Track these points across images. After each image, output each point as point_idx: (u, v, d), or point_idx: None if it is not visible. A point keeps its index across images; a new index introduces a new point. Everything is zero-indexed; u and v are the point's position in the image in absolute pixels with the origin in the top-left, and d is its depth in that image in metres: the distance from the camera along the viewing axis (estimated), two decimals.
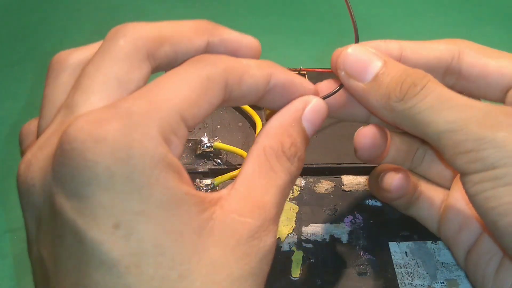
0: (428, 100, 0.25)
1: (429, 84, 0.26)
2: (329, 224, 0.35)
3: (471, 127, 0.24)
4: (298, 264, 0.33)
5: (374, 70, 0.27)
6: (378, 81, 0.27)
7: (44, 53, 0.78)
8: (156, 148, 0.19)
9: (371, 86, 0.27)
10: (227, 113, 0.41)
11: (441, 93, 0.25)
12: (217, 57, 0.24)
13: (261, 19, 0.85)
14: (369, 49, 0.29)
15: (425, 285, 0.32)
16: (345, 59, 0.28)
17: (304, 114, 0.26)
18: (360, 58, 0.28)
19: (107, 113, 0.19)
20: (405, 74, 0.27)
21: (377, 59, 0.28)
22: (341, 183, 0.37)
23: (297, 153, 0.24)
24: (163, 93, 0.21)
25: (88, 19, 0.84)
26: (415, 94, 0.26)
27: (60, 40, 0.80)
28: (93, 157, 0.18)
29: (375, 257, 0.34)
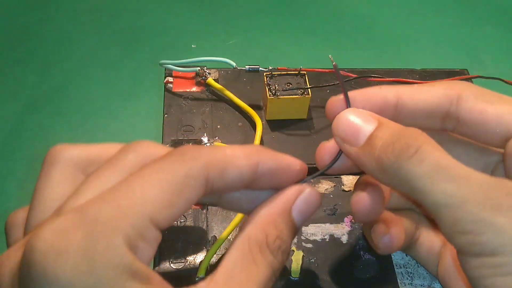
0: (424, 167, 0.24)
1: (423, 147, 0.24)
2: (329, 224, 0.35)
3: (470, 207, 0.22)
4: (298, 264, 0.33)
5: (366, 134, 0.27)
6: (370, 144, 0.26)
7: (44, 53, 0.78)
8: (121, 258, 0.19)
9: (364, 150, 0.27)
10: (227, 113, 0.41)
11: (438, 159, 0.24)
12: (199, 150, 0.23)
13: (261, 19, 0.85)
14: (361, 112, 0.28)
15: (425, 285, 0.32)
16: (337, 125, 0.28)
17: (295, 205, 0.25)
18: (352, 123, 0.27)
19: (72, 221, 0.19)
20: (398, 134, 0.26)
21: (369, 122, 0.27)
22: (341, 183, 0.37)
23: (282, 246, 0.24)
24: (132, 195, 0.20)
25: (88, 19, 0.84)
26: (408, 156, 0.24)
27: (60, 40, 0.80)
28: (54, 270, 0.18)
29: (375, 257, 0.34)
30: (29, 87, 0.72)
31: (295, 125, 0.40)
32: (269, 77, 0.39)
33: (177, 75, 0.43)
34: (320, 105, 0.42)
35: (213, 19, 0.85)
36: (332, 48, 0.80)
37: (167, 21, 0.84)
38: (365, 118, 0.27)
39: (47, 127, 0.68)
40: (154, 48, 0.79)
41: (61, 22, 0.83)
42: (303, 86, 0.39)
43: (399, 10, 0.87)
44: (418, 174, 0.24)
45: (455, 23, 0.86)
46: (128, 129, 0.69)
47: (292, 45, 0.81)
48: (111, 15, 0.84)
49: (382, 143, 0.26)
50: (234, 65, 0.40)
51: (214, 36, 0.82)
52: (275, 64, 0.40)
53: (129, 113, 0.71)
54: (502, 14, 0.89)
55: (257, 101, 0.41)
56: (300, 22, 0.85)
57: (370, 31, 0.82)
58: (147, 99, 0.72)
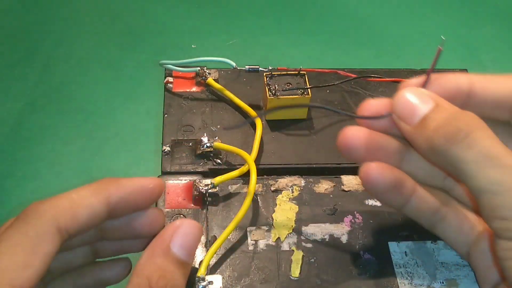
0: (473, 153, 0.25)
1: (475, 133, 0.25)
2: (329, 224, 0.35)
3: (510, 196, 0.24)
4: (298, 264, 0.33)
5: (422, 114, 0.27)
6: (424, 125, 0.27)
7: (44, 53, 0.78)
8: None
9: (417, 129, 0.27)
10: (227, 113, 0.41)
11: (488, 147, 0.25)
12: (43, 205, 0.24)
13: (261, 19, 0.86)
14: (420, 93, 0.28)
15: (425, 285, 0.32)
16: (396, 102, 0.29)
17: (173, 241, 0.26)
18: (410, 102, 0.28)
19: None
20: (452, 118, 0.26)
21: (426, 102, 0.28)
22: (341, 183, 0.37)
23: (168, 283, 0.24)
24: None
25: (88, 19, 0.84)
26: (458, 141, 0.25)
27: (61, 40, 0.80)
28: None
29: (375, 257, 0.34)
30: (30, 87, 0.73)
31: (295, 125, 0.40)
32: (269, 77, 0.39)
33: (177, 75, 0.43)
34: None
35: (213, 19, 0.85)
36: (332, 48, 0.80)
37: (167, 21, 0.84)
38: (422, 98, 0.28)
39: (47, 127, 0.68)
40: (154, 48, 0.80)
41: (61, 22, 0.83)
42: (303, 86, 0.39)
43: (399, 10, 0.87)
44: (466, 159, 0.25)
45: (455, 23, 0.86)
46: (128, 129, 0.69)
47: (292, 45, 0.81)
48: (111, 15, 0.84)
49: (435, 124, 0.26)
50: (234, 65, 0.40)
51: (214, 36, 0.82)
52: (275, 64, 0.40)
53: (129, 113, 0.71)
54: (502, 14, 0.89)
55: (257, 101, 0.41)
56: (300, 23, 0.85)
57: (370, 31, 0.82)
58: (147, 99, 0.72)
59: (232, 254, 0.33)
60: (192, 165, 0.37)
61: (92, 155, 0.65)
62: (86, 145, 0.66)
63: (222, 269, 0.32)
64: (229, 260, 0.33)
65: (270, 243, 0.34)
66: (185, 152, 0.38)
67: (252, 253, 0.33)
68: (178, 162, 0.37)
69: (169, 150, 0.38)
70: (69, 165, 0.64)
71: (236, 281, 0.32)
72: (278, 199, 0.36)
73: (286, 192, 0.36)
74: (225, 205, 0.35)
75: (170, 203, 0.35)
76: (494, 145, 0.25)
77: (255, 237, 0.34)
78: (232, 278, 0.32)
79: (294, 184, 0.37)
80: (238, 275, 0.32)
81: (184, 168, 0.37)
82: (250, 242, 0.34)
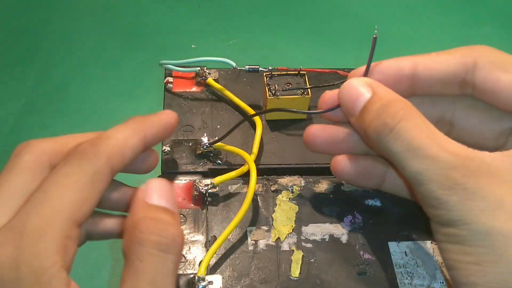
0: (398, 145, 0.26)
1: (400, 125, 0.27)
2: (329, 224, 0.35)
3: (431, 186, 0.26)
4: (298, 264, 0.33)
5: (361, 105, 0.29)
6: (362, 117, 0.29)
7: (44, 53, 0.78)
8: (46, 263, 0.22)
9: (357, 121, 0.29)
10: (227, 113, 0.41)
11: (411, 139, 0.26)
12: (97, 146, 0.25)
13: (261, 19, 0.86)
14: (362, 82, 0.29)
15: (425, 285, 0.32)
16: (340, 94, 0.30)
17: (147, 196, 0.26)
18: (351, 93, 0.29)
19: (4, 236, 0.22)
20: (381, 110, 0.28)
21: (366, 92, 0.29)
22: (341, 183, 0.37)
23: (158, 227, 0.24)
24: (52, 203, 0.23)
25: (88, 19, 0.84)
26: (386, 134, 0.27)
27: (60, 40, 0.80)
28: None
29: (375, 257, 0.34)
30: (30, 87, 0.73)
31: (295, 125, 0.40)
32: (269, 77, 0.39)
33: (177, 75, 0.43)
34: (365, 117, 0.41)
35: (213, 19, 0.85)
36: (332, 48, 0.80)
37: (167, 21, 0.84)
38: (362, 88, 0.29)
39: (47, 127, 0.68)
40: (154, 48, 0.80)
41: (61, 22, 0.83)
42: (303, 86, 0.39)
43: (399, 10, 0.87)
44: (394, 151, 0.27)
45: (455, 23, 0.86)
46: None
47: (292, 45, 0.81)
48: (111, 15, 0.84)
49: (370, 117, 0.28)
50: (234, 65, 0.40)
51: (214, 36, 0.82)
52: (275, 64, 0.40)
53: (129, 113, 0.70)
54: (502, 14, 0.89)
55: (257, 101, 0.41)
56: (300, 22, 0.85)
57: (370, 31, 0.82)
58: (147, 99, 0.72)
59: (232, 254, 0.33)
60: (192, 165, 0.37)
61: None
62: None
63: (222, 269, 0.32)
64: (229, 260, 0.33)
65: (270, 243, 0.34)
66: (185, 152, 0.38)
67: (252, 253, 0.33)
68: (178, 162, 0.37)
69: (169, 150, 0.38)
70: None
71: (236, 281, 0.32)
72: (278, 199, 0.36)
73: (286, 192, 0.36)
74: (225, 205, 0.35)
75: None
76: (417, 135, 0.26)
77: (255, 237, 0.34)
78: (232, 278, 0.32)
79: (294, 184, 0.37)
80: (238, 275, 0.32)
81: (184, 168, 0.37)
82: (250, 242, 0.34)
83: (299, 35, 0.83)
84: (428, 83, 0.30)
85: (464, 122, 0.31)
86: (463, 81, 0.29)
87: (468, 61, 0.29)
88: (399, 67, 0.30)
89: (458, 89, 0.30)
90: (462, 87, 0.29)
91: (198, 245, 0.33)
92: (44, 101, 0.71)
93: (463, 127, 0.31)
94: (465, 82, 0.29)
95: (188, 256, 0.33)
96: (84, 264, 0.56)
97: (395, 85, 0.29)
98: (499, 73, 0.28)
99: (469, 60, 0.29)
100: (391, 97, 0.28)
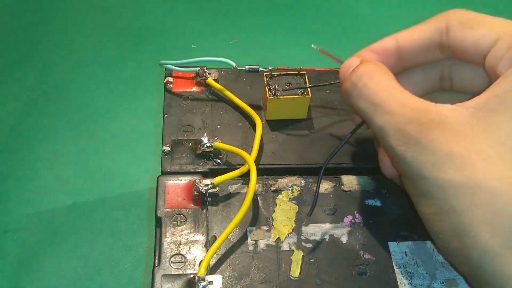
0: (362, 102, 0.30)
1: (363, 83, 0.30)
2: (329, 224, 0.35)
3: (390, 141, 0.28)
4: (298, 264, 0.33)
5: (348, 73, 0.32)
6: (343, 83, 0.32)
7: (44, 53, 0.78)
8: None
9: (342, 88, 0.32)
10: (227, 113, 0.41)
11: (372, 95, 0.29)
12: None
13: (261, 19, 0.86)
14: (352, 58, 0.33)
15: (425, 285, 0.32)
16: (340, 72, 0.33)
17: None
18: (344, 66, 0.33)
19: None
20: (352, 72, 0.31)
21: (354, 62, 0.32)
22: (341, 183, 0.37)
23: None
24: None
25: (88, 19, 0.84)
26: (351, 92, 0.30)
27: (60, 40, 0.80)
28: None
29: (375, 257, 0.34)
30: (29, 87, 0.73)
31: (295, 125, 0.40)
32: (269, 77, 0.39)
33: (177, 75, 0.43)
34: (320, 105, 0.42)
35: (213, 19, 0.85)
36: (332, 48, 0.80)
37: (167, 21, 0.84)
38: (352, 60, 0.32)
39: (47, 127, 0.68)
40: (154, 48, 0.80)
41: (61, 22, 0.83)
42: (303, 86, 0.39)
43: (399, 10, 0.88)
44: (359, 108, 0.30)
45: None
46: (128, 129, 0.69)
47: (292, 45, 0.81)
48: (111, 15, 0.84)
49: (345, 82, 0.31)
50: (234, 65, 0.40)
51: (214, 36, 0.82)
52: (275, 64, 0.41)
53: (129, 113, 0.71)
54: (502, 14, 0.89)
55: (257, 101, 0.41)
56: (300, 22, 0.85)
57: (370, 31, 0.82)
58: (147, 99, 0.72)
59: (232, 254, 0.33)
60: (192, 165, 0.37)
61: (91, 155, 0.65)
62: (85, 145, 0.66)
63: (222, 269, 0.32)
64: (229, 260, 0.33)
65: (270, 243, 0.34)
66: (185, 152, 0.38)
67: (252, 253, 0.33)
68: (178, 162, 0.37)
69: (169, 150, 0.38)
70: (69, 165, 0.64)
71: (236, 281, 0.32)
72: (278, 199, 0.36)
73: (286, 192, 0.36)
74: (225, 205, 0.35)
75: (170, 203, 0.35)
76: (378, 93, 0.29)
77: (255, 237, 0.34)
78: (232, 278, 0.32)
79: (294, 184, 0.37)
80: (238, 275, 0.32)
81: (184, 168, 0.37)
82: (250, 242, 0.34)
83: (299, 35, 0.83)
84: (411, 53, 0.32)
85: (460, 75, 0.33)
86: (440, 45, 0.31)
87: (441, 26, 0.31)
88: (383, 45, 0.33)
89: (440, 54, 0.32)
90: (442, 50, 0.31)
91: (198, 245, 0.33)
92: (44, 101, 0.71)
93: (460, 80, 0.33)
94: (442, 45, 0.31)
95: (188, 256, 0.33)
96: (84, 264, 0.56)
97: (385, 62, 0.32)
98: (466, 31, 0.30)
99: (442, 24, 0.31)
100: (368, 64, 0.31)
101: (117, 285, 0.55)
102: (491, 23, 0.29)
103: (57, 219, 0.59)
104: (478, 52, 0.29)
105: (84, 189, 0.62)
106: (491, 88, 0.27)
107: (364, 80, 0.30)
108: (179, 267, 0.32)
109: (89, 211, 0.60)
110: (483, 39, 0.29)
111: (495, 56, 0.28)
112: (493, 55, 0.28)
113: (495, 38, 0.29)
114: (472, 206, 0.25)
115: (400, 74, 0.34)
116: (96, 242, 0.58)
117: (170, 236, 0.33)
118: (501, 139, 0.25)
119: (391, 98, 0.28)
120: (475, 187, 0.25)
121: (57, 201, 0.61)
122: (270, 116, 0.40)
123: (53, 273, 0.55)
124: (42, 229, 0.58)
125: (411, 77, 0.34)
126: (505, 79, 0.27)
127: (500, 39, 0.28)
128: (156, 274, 0.32)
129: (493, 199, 0.25)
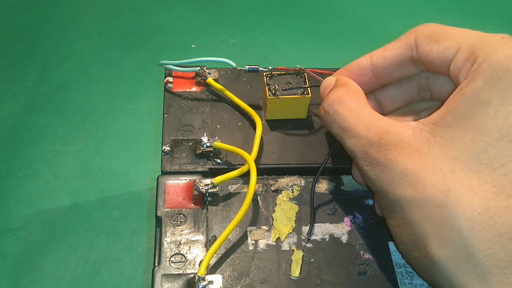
0: (335, 127, 0.32)
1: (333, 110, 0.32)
2: (329, 224, 0.35)
3: (359, 162, 0.31)
4: (298, 263, 0.33)
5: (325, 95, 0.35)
6: None
7: (44, 53, 0.78)
8: None
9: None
10: (227, 113, 0.41)
11: (342, 121, 0.32)
12: None
13: (261, 19, 0.85)
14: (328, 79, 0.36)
15: (425, 285, 0.32)
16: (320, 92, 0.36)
17: None
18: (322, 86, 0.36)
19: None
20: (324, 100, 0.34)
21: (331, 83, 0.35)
22: (341, 183, 0.37)
23: None
24: None
25: (88, 19, 0.84)
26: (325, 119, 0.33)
27: (60, 40, 0.80)
28: None
29: (375, 257, 0.34)
30: (29, 87, 0.72)
31: (295, 125, 0.40)
32: (269, 77, 0.39)
33: (177, 75, 0.43)
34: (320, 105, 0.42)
35: (213, 19, 0.85)
36: (332, 48, 0.80)
37: (167, 21, 0.84)
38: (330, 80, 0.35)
39: (47, 127, 0.68)
40: (154, 48, 0.79)
41: (61, 22, 0.83)
42: (303, 86, 0.39)
43: (399, 10, 0.87)
44: (333, 132, 0.33)
45: (455, 23, 0.86)
46: (128, 129, 0.69)
47: (292, 45, 0.81)
48: (111, 15, 0.84)
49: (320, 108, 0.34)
50: (234, 65, 0.40)
51: (214, 36, 0.82)
52: (275, 64, 0.41)
53: (129, 113, 0.71)
54: (502, 14, 0.89)
55: (257, 101, 0.41)
56: (300, 22, 0.85)
57: (370, 31, 0.82)
58: (147, 99, 0.72)
59: (232, 254, 0.33)
60: (192, 165, 0.37)
61: (92, 155, 0.65)
62: (85, 145, 0.66)
63: (222, 269, 0.32)
64: (229, 260, 0.33)
65: (270, 243, 0.34)
66: (185, 152, 0.38)
67: (252, 253, 0.33)
68: (178, 162, 0.37)
69: (169, 150, 0.38)
70: (69, 165, 0.64)
71: (236, 281, 0.32)
72: (278, 199, 0.36)
73: (286, 192, 0.36)
74: (225, 205, 0.35)
75: (170, 203, 0.35)
76: (346, 117, 0.32)
77: (255, 237, 0.34)
78: (232, 278, 0.32)
79: (294, 184, 0.37)
80: (238, 275, 0.32)
81: (184, 168, 0.37)
82: (250, 242, 0.34)
83: (299, 35, 0.83)
84: (385, 70, 0.34)
85: (436, 86, 0.34)
86: (412, 60, 0.33)
87: (411, 41, 0.32)
88: (358, 64, 0.35)
89: (414, 68, 0.33)
90: (415, 65, 0.33)
91: (198, 245, 0.33)
92: (44, 101, 0.71)
93: (437, 90, 0.34)
94: (413, 60, 0.33)
95: (188, 256, 0.33)
96: (84, 264, 0.56)
97: (361, 80, 0.34)
98: (432, 44, 0.31)
99: (411, 40, 0.32)
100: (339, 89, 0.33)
101: (117, 285, 0.54)
102: (454, 34, 0.30)
103: (57, 219, 0.59)
104: (443, 63, 0.31)
105: (84, 189, 0.62)
106: (447, 102, 0.29)
107: (335, 107, 0.32)
108: (179, 267, 0.32)
109: (89, 211, 0.60)
110: (447, 51, 0.30)
111: (456, 66, 0.30)
112: (454, 65, 0.30)
113: (456, 49, 0.30)
114: (423, 219, 0.27)
115: (378, 90, 0.36)
116: (96, 242, 0.57)
117: (170, 236, 0.33)
118: (453, 153, 0.27)
119: (357, 122, 0.31)
120: (424, 200, 0.27)
121: (57, 201, 0.61)
122: (270, 116, 0.40)
123: (53, 273, 0.55)
124: (42, 229, 0.58)
125: (389, 92, 0.36)
126: (460, 91, 0.28)
127: (460, 49, 0.30)
128: (156, 274, 0.32)
129: (440, 212, 0.26)
